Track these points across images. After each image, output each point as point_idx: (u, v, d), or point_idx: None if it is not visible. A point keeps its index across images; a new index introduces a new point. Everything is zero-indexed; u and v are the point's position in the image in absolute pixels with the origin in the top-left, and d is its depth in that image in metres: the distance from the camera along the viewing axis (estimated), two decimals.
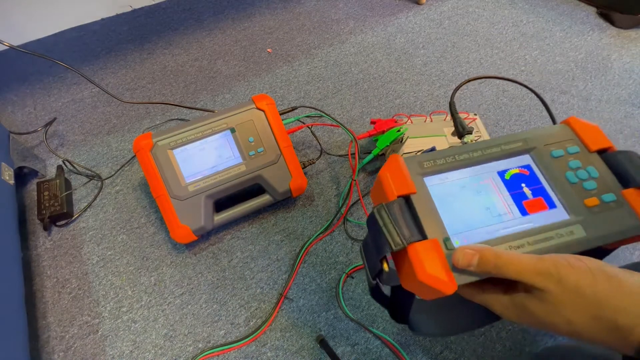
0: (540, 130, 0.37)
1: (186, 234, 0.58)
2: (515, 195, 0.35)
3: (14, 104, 0.82)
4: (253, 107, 0.61)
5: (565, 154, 0.35)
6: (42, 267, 0.61)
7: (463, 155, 0.36)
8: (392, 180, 0.34)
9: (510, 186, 0.35)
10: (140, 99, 0.83)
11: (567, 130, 0.37)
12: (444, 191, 0.35)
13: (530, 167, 0.36)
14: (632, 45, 0.94)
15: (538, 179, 0.36)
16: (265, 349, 0.54)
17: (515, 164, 0.36)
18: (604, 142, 0.36)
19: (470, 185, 0.35)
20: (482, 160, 0.36)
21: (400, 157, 0.36)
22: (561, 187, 0.34)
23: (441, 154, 0.36)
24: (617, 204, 0.33)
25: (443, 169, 0.35)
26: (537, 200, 0.34)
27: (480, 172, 0.36)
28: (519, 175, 0.36)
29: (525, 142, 0.36)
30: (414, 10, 1.02)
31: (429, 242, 0.31)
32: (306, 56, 0.91)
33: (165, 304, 0.57)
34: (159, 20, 0.99)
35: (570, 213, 0.33)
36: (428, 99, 0.83)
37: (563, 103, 0.83)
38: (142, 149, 0.57)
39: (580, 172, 0.35)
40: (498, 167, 0.36)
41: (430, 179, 0.35)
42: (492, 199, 0.35)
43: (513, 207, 0.34)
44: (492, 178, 0.36)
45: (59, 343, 0.54)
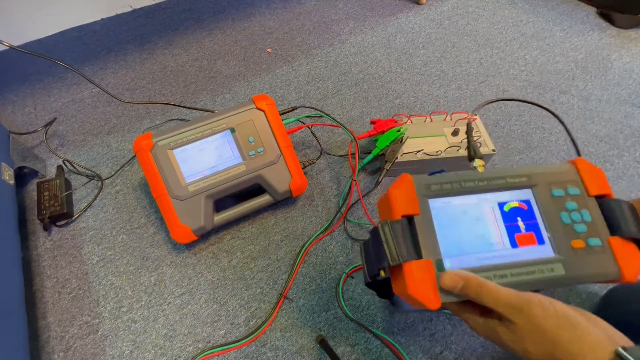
0: (547, 167, 0.38)
1: (186, 234, 0.58)
2: (510, 227, 0.37)
3: (14, 104, 0.82)
4: (253, 107, 0.61)
5: (565, 195, 0.37)
6: (42, 267, 0.61)
7: (469, 183, 0.37)
8: (400, 200, 0.36)
9: (507, 218, 0.37)
10: (140, 99, 0.83)
11: (572, 171, 0.38)
12: (445, 214, 0.37)
13: (529, 202, 0.38)
14: (632, 45, 0.94)
15: (534, 214, 0.37)
16: (265, 349, 0.54)
17: (517, 197, 0.38)
18: (604, 188, 0.37)
19: (471, 212, 0.37)
20: (487, 190, 0.38)
21: (410, 177, 0.37)
22: (553, 226, 0.36)
23: (449, 179, 0.38)
24: (601, 249, 0.35)
25: (448, 193, 0.37)
26: (528, 234, 0.37)
27: (482, 201, 0.38)
28: (517, 208, 0.37)
29: (529, 178, 0.38)
30: (414, 10, 1.02)
31: (423, 262, 0.34)
32: (306, 56, 0.91)
33: (165, 304, 0.57)
34: (159, 20, 0.99)
35: (555, 251, 0.36)
36: (428, 99, 0.83)
37: (563, 103, 0.83)
38: (142, 149, 0.57)
39: (575, 214, 0.36)
40: (500, 198, 0.38)
41: (434, 201, 0.37)
42: (488, 227, 0.37)
43: (505, 238, 0.36)
44: (492, 208, 0.37)
45: (59, 343, 0.54)
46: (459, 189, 0.37)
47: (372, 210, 0.66)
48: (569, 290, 0.59)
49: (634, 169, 0.73)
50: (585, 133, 0.78)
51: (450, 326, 0.55)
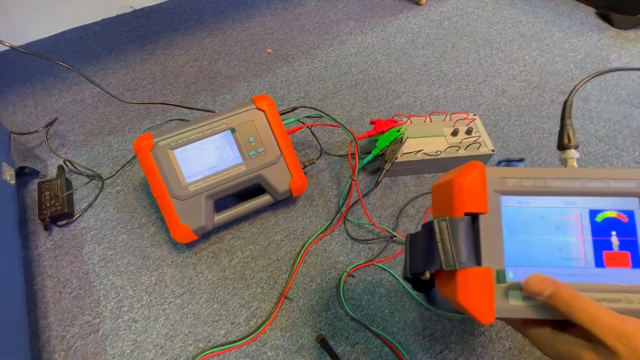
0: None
1: (187, 233, 0.58)
2: (598, 242, 0.30)
3: (15, 104, 0.82)
4: (253, 108, 0.61)
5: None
6: (43, 266, 0.61)
7: (558, 182, 0.30)
8: (466, 194, 0.30)
9: (598, 230, 0.30)
10: (141, 99, 0.83)
11: None
12: (518, 216, 0.31)
13: (633, 214, 0.30)
14: (631, 46, 0.94)
15: (636, 230, 0.30)
16: (265, 349, 0.54)
17: (617, 206, 0.30)
18: None
19: (550, 217, 0.31)
20: (579, 193, 0.31)
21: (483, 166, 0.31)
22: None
23: (530, 174, 0.31)
24: None
25: (528, 192, 0.31)
26: (621, 254, 0.30)
27: (569, 205, 0.31)
28: (614, 220, 0.30)
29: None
30: (413, 10, 1.03)
31: (482, 270, 0.29)
32: (306, 57, 0.91)
33: (165, 303, 0.58)
34: (159, 21, 1.00)
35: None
36: (428, 100, 0.83)
37: (562, 103, 0.83)
38: (143, 149, 0.57)
39: None
40: (593, 204, 0.31)
41: (507, 199, 0.31)
42: (569, 239, 0.30)
43: (589, 255, 0.30)
44: (580, 215, 0.30)
45: (60, 343, 0.54)
46: (542, 188, 0.30)
47: (372, 210, 0.67)
48: None
49: (633, 169, 0.73)
50: (585, 133, 0.78)
51: (450, 326, 0.56)
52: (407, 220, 0.66)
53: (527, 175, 0.31)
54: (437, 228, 0.30)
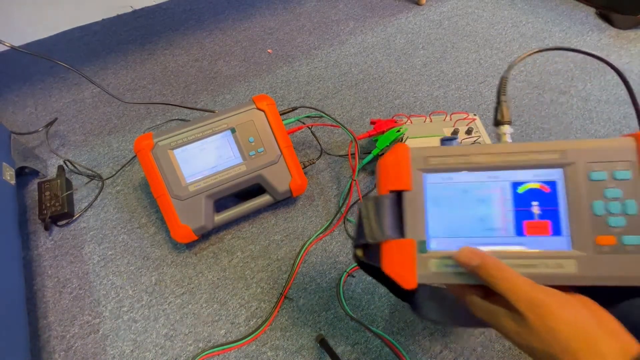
0: (594, 142, 0.31)
1: (187, 233, 0.58)
2: (519, 213, 0.31)
3: (15, 104, 0.82)
4: (253, 108, 0.61)
5: (608, 179, 0.30)
6: (43, 266, 0.61)
7: (480, 157, 0.32)
8: (389, 173, 0.33)
9: (519, 201, 0.31)
10: (141, 100, 0.83)
11: (628, 149, 0.30)
12: (442, 192, 0.32)
13: (555, 184, 0.31)
14: (631, 46, 0.94)
15: (557, 200, 0.31)
16: (265, 349, 0.54)
17: (540, 177, 0.31)
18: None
19: (473, 191, 0.32)
20: (502, 167, 0.32)
21: (407, 147, 0.33)
22: (578, 216, 0.30)
23: (453, 151, 0.32)
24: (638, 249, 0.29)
25: (451, 168, 0.32)
26: (542, 223, 0.31)
27: (492, 179, 0.32)
28: (536, 190, 0.31)
29: (564, 155, 0.31)
30: (413, 10, 1.03)
31: (404, 241, 0.32)
32: (306, 57, 0.91)
33: (165, 303, 0.58)
34: (159, 21, 1.00)
35: (572, 246, 0.30)
36: (428, 99, 0.83)
37: (562, 103, 0.83)
38: (143, 149, 0.57)
39: (614, 204, 0.29)
40: (516, 177, 0.32)
41: (431, 177, 0.32)
42: (491, 210, 0.32)
43: (510, 225, 0.31)
44: (503, 188, 0.32)
45: (60, 342, 0.54)
46: (464, 164, 0.32)
47: None
48: None
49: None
50: (585, 133, 0.78)
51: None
52: None
53: (449, 153, 0.32)
54: (363, 205, 0.32)
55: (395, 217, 0.32)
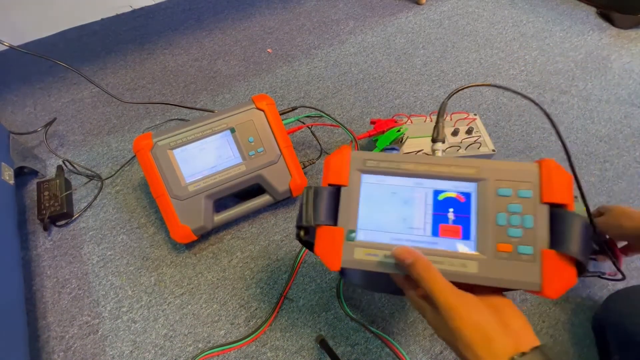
0: (505, 164, 0.36)
1: (186, 234, 0.58)
2: (437, 216, 0.36)
3: (14, 104, 0.82)
4: (253, 107, 0.61)
5: (512, 196, 0.35)
6: (42, 267, 0.61)
7: (410, 165, 0.37)
8: (330, 169, 0.38)
9: (438, 207, 0.36)
10: (140, 99, 0.83)
11: (533, 172, 0.35)
12: (375, 191, 0.37)
13: (469, 195, 0.36)
14: (631, 45, 0.94)
15: (469, 209, 0.36)
16: (265, 349, 0.54)
17: (457, 188, 0.36)
18: (562, 197, 0.33)
19: (400, 194, 0.37)
20: (426, 175, 0.37)
21: (349, 149, 0.38)
22: (484, 225, 0.35)
23: (387, 158, 0.37)
24: (530, 258, 0.33)
25: (384, 171, 0.37)
26: (454, 227, 0.36)
27: (417, 185, 0.37)
28: (452, 199, 0.36)
29: (479, 171, 0.36)
30: (413, 10, 1.02)
31: (335, 229, 0.36)
32: (306, 56, 0.91)
33: (165, 304, 0.57)
34: (159, 21, 0.99)
35: (476, 249, 0.35)
36: (428, 99, 0.83)
37: (563, 103, 0.83)
38: (142, 149, 0.57)
39: (515, 217, 0.34)
40: (438, 185, 0.37)
41: (368, 177, 0.38)
42: (413, 212, 0.37)
43: (428, 226, 0.36)
44: (426, 194, 0.37)
45: (59, 343, 0.54)
46: (395, 169, 0.37)
47: None
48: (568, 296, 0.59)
49: (633, 168, 0.73)
50: (585, 133, 0.78)
51: None
52: None
53: (384, 159, 0.37)
54: (304, 193, 0.37)
55: (331, 207, 0.37)
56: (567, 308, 0.57)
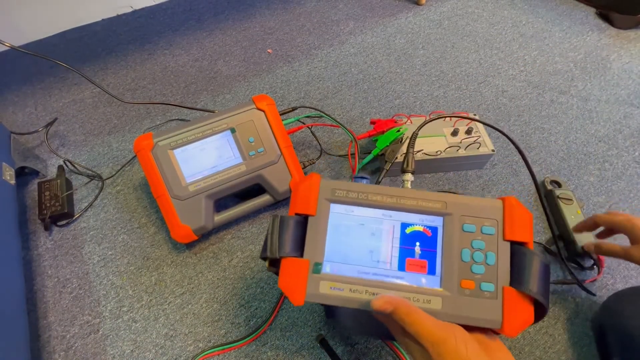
0: (472, 199, 0.36)
1: (187, 233, 0.58)
2: (404, 250, 0.36)
3: (15, 104, 0.82)
4: (253, 108, 0.61)
5: (477, 232, 0.35)
6: (43, 266, 0.61)
7: (377, 197, 0.36)
8: (298, 198, 0.37)
9: (405, 240, 0.36)
10: (141, 100, 0.83)
11: (497, 209, 0.35)
12: (343, 221, 0.36)
13: (436, 230, 0.36)
14: (631, 46, 0.94)
15: (436, 244, 0.36)
16: (265, 349, 0.54)
17: (424, 222, 0.36)
18: (523, 235, 0.34)
19: (368, 225, 0.36)
20: (394, 208, 0.36)
21: (319, 177, 0.37)
22: (449, 260, 0.35)
23: (356, 188, 0.37)
24: (491, 295, 0.33)
25: (352, 202, 0.36)
26: (421, 262, 0.35)
27: (386, 217, 0.36)
28: (419, 233, 0.36)
29: (445, 206, 0.36)
30: (413, 10, 1.03)
31: (301, 261, 0.35)
32: (306, 57, 0.91)
33: (165, 303, 0.58)
34: (159, 21, 1.00)
35: (441, 285, 0.34)
36: (428, 99, 0.83)
37: (562, 103, 0.83)
38: (143, 149, 0.57)
39: (478, 254, 0.34)
40: (405, 218, 0.36)
41: (336, 207, 0.37)
42: (380, 245, 0.36)
43: (394, 260, 0.35)
44: (394, 226, 0.36)
45: (60, 343, 0.54)
46: (363, 200, 0.36)
47: None
48: (569, 290, 0.59)
49: (632, 169, 0.73)
50: (585, 133, 0.78)
51: None
52: None
53: (353, 189, 0.37)
54: (271, 222, 0.36)
55: (297, 238, 0.36)
56: (567, 308, 0.57)
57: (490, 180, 0.71)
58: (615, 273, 0.60)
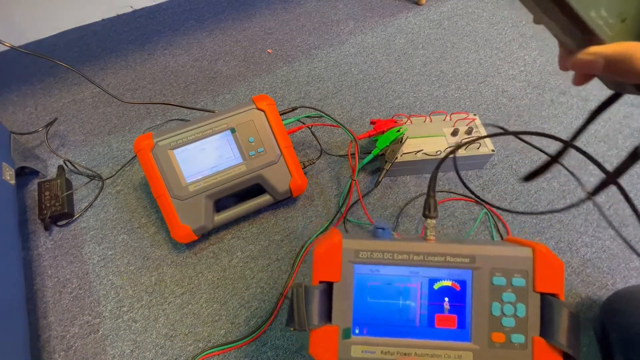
0: (498, 249, 0.35)
1: (187, 233, 0.58)
2: (432, 307, 0.35)
3: (15, 104, 0.82)
4: (253, 108, 0.61)
5: (506, 285, 0.35)
6: (43, 266, 0.61)
7: (403, 256, 0.36)
8: (321, 265, 0.35)
9: (434, 296, 0.36)
10: (141, 99, 0.83)
11: (527, 259, 0.35)
12: (369, 282, 0.36)
13: (465, 283, 0.35)
14: None
15: (465, 298, 0.35)
16: (265, 349, 0.54)
17: (452, 276, 0.36)
18: (554, 287, 0.34)
19: (396, 284, 0.36)
20: (421, 264, 0.36)
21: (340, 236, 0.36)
22: (479, 314, 0.35)
23: (381, 247, 0.36)
24: (522, 347, 0.33)
25: (377, 262, 0.36)
26: (450, 317, 0.35)
27: (412, 274, 0.36)
28: (448, 288, 0.36)
29: (473, 260, 0.35)
30: (413, 10, 1.03)
31: (330, 328, 0.35)
32: (306, 57, 0.91)
33: (165, 303, 0.58)
34: (159, 21, 1.00)
35: (472, 339, 0.34)
36: (428, 99, 0.83)
37: (562, 103, 0.83)
38: (143, 149, 0.57)
39: (508, 307, 0.34)
40: (433, 274, 0.36)
41: (360, 268, 0.36)
42: (409, 303, 0.36)
43: (424, 317, 0.35)
44: (421, 283, 0.36)
45: (60, 342, 0.54)
46: (389, 259, 0.36)
47: (372, 210, 0.67)
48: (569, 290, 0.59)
49: (632, 169, 0.73)
50: (585, 133, 0.78)
51: None
52: (407, 220, 0.66)
53: (378, 249, 0.36)
54: (295, 292, 0.35)
55: (323, 305, 0.35)
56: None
57: (490, 180, 0.71)
58: (615, 273, 0.60)
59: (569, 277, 0.60)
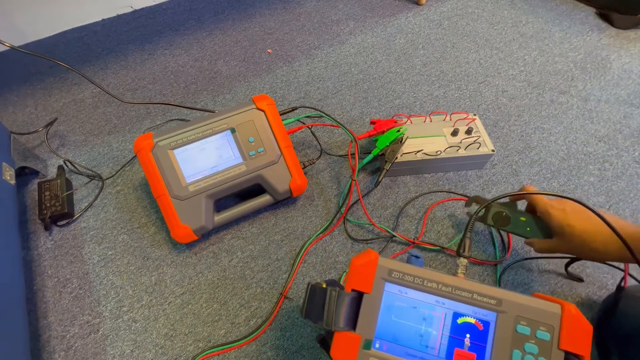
0: (526, 299, 0.36)
1: (187, 233, 0.58)
2: (453, 340, 0.36)
3: (15, 104, 0.82)
4: (253, 108, 0.61)
5: (530, 335, 0.35)
6: (43, 266, 0.61)
7: (432, 284, 0.37)
8: (356, 275, 0.37)
9: (456, 330, 0.36)
10: (141, 100, 0.83)
11: (554, 315, 0.35)
12: (396, 301, 0.37)
13: (488, 324, 0.36)
14: (631, 46, 0.94)
15: (486, 339, 0.35)
16: (265, 349, 0.54)
17: (477, 315, 0.36)
18: (579, 348, 0.34)
19: (421, 309, 0.37)
20: (448, 296, 0.37)
21: (377, 256, 0.38)
22: (499, 358, 0.34)
23: (413, 272, 0.37)
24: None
25: (407, 285, 0.37)
26: (469, 354, 0.35)
27: (438, 304, 0.37)
28: (471, 325, 0.36)
29: (500, 303, 0.36)
30: (413, 10, 1.03)
31: (353, 335, 0.36)
32: (306, 57, 0.91)
33: (165, 303, 0.58)
34: (159, 21, 1.00)
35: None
36: (428, 99, 0.83)
37: (562, 103, 0.83)
38: (143, 149, 0.57)
39: (529, 357, 0.34)
40: (458, 308, 0.37)
41: (390, 286, 0.38)
42: (431, 330, 0.36)
43: (443, 348, 0.36)
44: (445, 314, 0.37)
45: (60, 342, 0.54)
46: (418, 285, 0.37)
47: (372, 210, 0.67)
48: (569, 290, 0.59)
49: (632, 168, 0.73)
50: (584, 133, 0.78)
51: None
52: (407, 220, 0.66)
53: (410, 272, 0.37)
54: (328, 294, 0.37)
55: (351, 311, 0.37)
56: None
57: (490, 180, 0.71)
58: (614, 273, 0.60)
59: None
